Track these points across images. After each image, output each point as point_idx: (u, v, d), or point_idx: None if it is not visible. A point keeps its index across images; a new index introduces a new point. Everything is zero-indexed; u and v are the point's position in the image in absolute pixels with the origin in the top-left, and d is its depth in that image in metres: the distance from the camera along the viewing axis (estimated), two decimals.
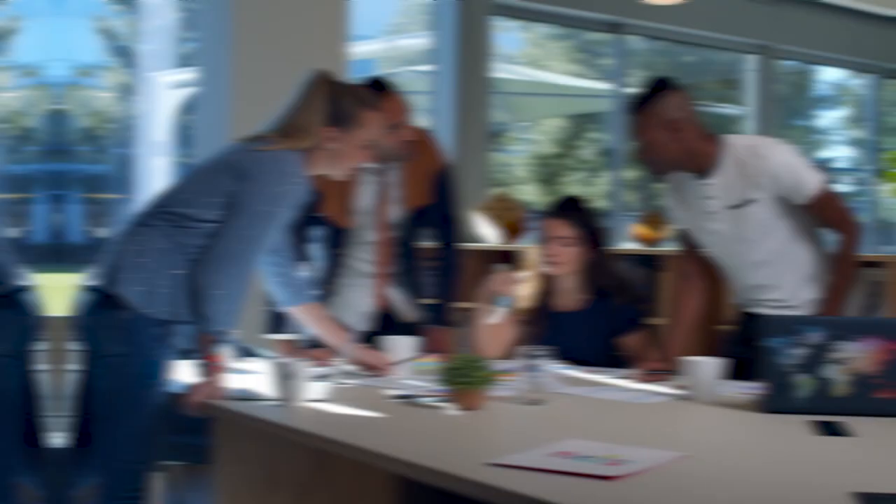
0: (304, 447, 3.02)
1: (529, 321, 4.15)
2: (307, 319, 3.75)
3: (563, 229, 4.07)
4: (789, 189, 3.64)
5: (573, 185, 11.08)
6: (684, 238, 4.01)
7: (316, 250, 4.18)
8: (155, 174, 7.62)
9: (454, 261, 4.30)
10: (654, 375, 3.65)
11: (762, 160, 3.64)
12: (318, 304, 3.76)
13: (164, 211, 3.28)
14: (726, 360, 3.35)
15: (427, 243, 4.31)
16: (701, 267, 3.99)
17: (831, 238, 3.80)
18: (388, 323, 4.18)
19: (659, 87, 3.68)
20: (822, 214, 3.70)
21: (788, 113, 11.64)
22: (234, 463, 3.37)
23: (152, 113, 7.81)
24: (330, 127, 3.37)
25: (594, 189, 10.41)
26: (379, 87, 3.96)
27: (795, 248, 3.76)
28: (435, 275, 4.30)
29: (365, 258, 4.19)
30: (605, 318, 4.07)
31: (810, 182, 3.64)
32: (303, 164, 3.35)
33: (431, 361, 3.92)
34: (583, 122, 10.77)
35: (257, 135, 3.38)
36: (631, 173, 9.45)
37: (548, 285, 4.18)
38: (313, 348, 3.98)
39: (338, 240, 4.13)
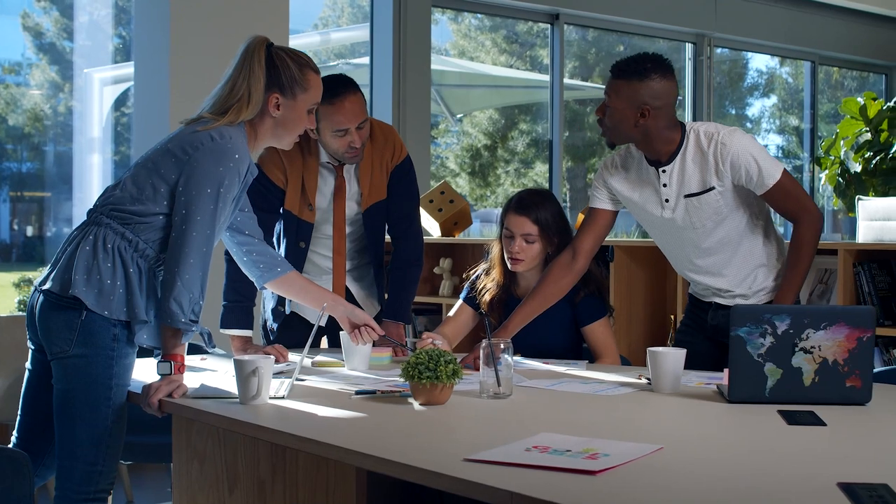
0: (263, 444, 2.97)
1: (493, 312, 4.12)
2: (287, 291, 3.72)
3: (527, 226, 4.02)
4: (748, 179, 3.62)
5: (505, 177, 11.07)
6: (594, 216, 3.93)
7: (277, 244, 4.13)
8: (91, 171, 7.50)
9: (411, 255, 4.26)
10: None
11: (723, 148, 3.61)
12: (294, 273, 3.69)
13: (114, 209, 3.20)
14: (679, 348, 3.33)
15: (386, 237, 4.26)
16: (591, 251, 3.94)
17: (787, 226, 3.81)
18: None
19: (648, 66, 3.62)
20: (781, 204, 3.68)
21: (722, 101, 11.72)
22: (192, 461, 3.31)
23: (87, 109, 7.68)
24: (274, 93, 3.30)
25: (526, 181, 10.40)
26: (342, 86, 3.90)
27: (747, 239, 3.75)
28: (392, 269, 4.25)
29: (324, 253, 4.14)
30: (569, 309, 4.04)
31: (770, 172, 3.62)
32: (245, 137, 3.28)
33: (387, 356, 3.90)
34: (514, 114, 10.75)
35: (198, 116, 3.31)
36: (567, 164, 9.46)
37: (511, 276, 4.15)
38: (269, 345, 3.94)
39: (299, 233, 4.07)
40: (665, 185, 3.72)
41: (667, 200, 3.73)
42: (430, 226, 6.58)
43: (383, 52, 8.02)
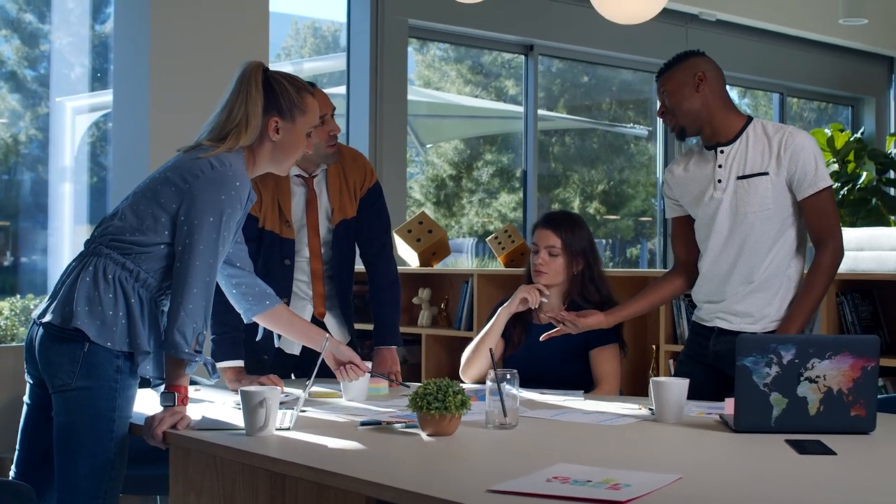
0: (262, 475, 2.93)
1: (514, 330, 4.19)
2: (275, 324, 3.68)
3: (551, 239, 4.13)
4: (802, 174, 3.69)
5: (470, 207, 11.08)
6: (673, 225, 4.08)
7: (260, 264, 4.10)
8: (63, 200, 7.46)
9: (389, 277, 4.27)
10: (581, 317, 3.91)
11: (789, 137, 3.72)
12: (283, 307, 3.67)
13: (113, 239, 3.17)
14: (682, 378, 3.33)
15: (360, 265, 4.26)
16: (687, 256, 4.03)
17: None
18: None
19: (686, 53, 3.89)
20: (816, 218, 3.72)
21: None
22: (189, 493, 3.27)
23: (59, 139, 7.64)
24: (273, 117, 3.29)
25: (490, 211, 10.41)
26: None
27: (781, 243, 3.76)
28: (373, 295, 4.25)
29: (302, 279, 4.12)
30: (581, 334, 4.06)
31: (823, 176, 3.71)
32: (244, 163, 3.26)
33: (384, 386, 3.89)
34: (479, 144, 10.76)
35: (196, 143, 3.28)
36: (539, 194, 9.48)
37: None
38: (262, 375, 3.91)
39: (282, 251, 4.05)
40: (720, 166, 3.81)
41: (719, 181, 3.81)
42: (409, 256, 6.57)
43: (360, 83, 8.04)
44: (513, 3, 8.62)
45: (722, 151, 3.81)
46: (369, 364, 3.78)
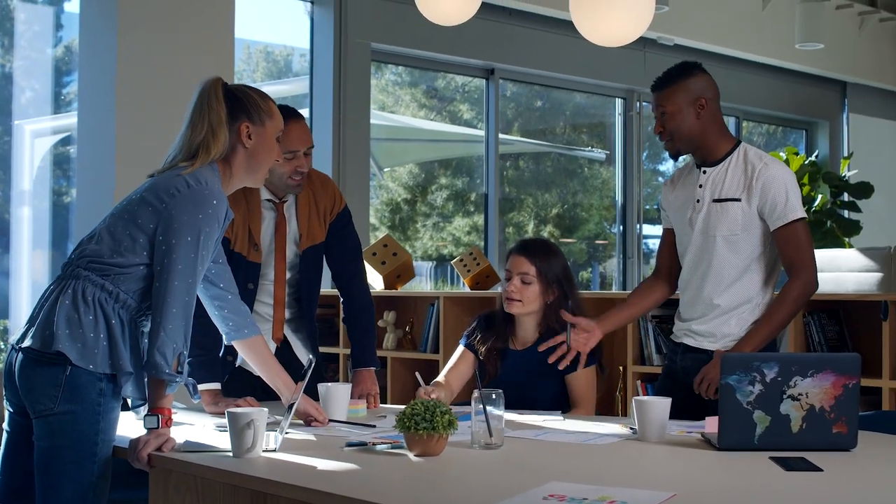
0: (242, 496, 2.91)
1: (489, 362, 4.17)
2: (247, 354, 3.63)
3: (525, 265, 4.07)
4: (772, 205, 3.74)
5: (424, 231, 11.08)
6: (665, 236, 4.12)
7: None
8: (21, 223, 7.41)
9: (364, 300, 4.28)
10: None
11: (764, 168, 3.77)
12: (259, 339, 3.60)
13: (91, 261, 3.14)
14: (664, 397, 3.35)
15: (332, 288, 4.26)
16: (670, 267, 4.09)
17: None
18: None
19: (687, 66, 3.89)
20: (788, 249, 3.77)
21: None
22: None
23: (18, 162, 7.60)
24: (243, 122, 3.28)
25: (445, 235, 10.43)
26: (289, 111, 3.91)
27: (750, 272, 3.82)
28: (349, 318, 4.26)
29: (266, 301, 4.11)
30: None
31: (794, 208, 3.74)
32: (219, 178, 3.25)
33: (362, 408, 3.88)
34: (434, 168, 10.78)
35: (169, 164, 3.26)
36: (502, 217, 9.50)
37: (509, 326, 4.19)
38: (240, 397, 3.88)
39: (247, 275, 4.03)
40: (701, 186, 3.87)
41: (698, 201, 3.87)
42: (374, 279, 6.57)
43: (323, 106, 8.05)
44: (475, 28, 8.67)
45: (705, 172, 3.87)
46: (348, 386, 3.79)
